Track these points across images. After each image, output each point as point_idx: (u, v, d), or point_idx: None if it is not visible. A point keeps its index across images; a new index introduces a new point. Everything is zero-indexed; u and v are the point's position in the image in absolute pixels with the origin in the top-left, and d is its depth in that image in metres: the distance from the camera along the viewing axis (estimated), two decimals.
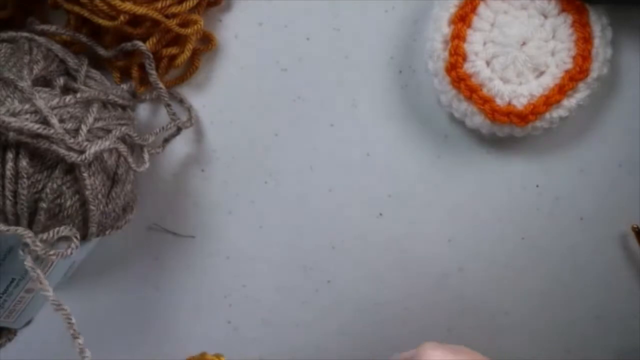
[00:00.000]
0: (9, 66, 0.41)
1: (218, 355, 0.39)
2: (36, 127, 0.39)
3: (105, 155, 0.42)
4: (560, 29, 0.44)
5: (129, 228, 0.46)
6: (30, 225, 0.40)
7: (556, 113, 0.45)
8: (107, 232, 0.44)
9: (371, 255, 0.51)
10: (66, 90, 0.43)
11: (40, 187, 0.40)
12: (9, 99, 0.40)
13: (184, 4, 0.45)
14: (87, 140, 0.40)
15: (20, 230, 0.39)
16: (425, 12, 0.47)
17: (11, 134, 0.39)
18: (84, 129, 0.40)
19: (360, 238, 0.51)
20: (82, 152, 0.40)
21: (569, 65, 0.44)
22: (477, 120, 0.46)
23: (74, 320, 0.39)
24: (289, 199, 0.50)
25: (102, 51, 0.47)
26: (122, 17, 0.44)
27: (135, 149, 0.45)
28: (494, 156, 0.49)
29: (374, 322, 0.52)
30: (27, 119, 0.39)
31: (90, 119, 0.41)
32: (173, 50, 0.47)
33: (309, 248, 0.51)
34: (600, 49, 0.44)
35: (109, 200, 0.43)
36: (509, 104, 0.45)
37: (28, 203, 0.40)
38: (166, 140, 0.48)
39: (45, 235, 0.39)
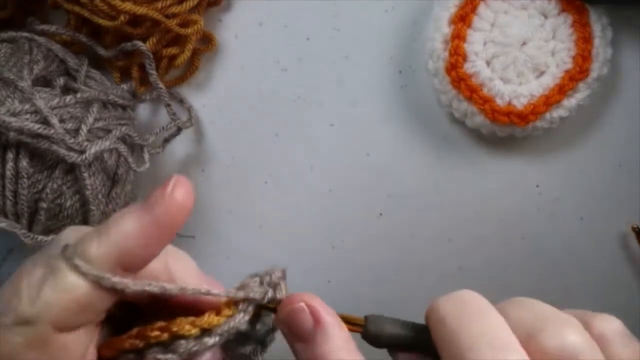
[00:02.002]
0: (9, 66, 0.41)
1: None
2: (36, 127, 0.39)
3: (106, 155, 0.42)
4: (561, 29, 0.44)
5: None
6: (30, 225, 0.40)
7: (556, 113, 0.45)
8: None
9: (371, 255, 0.51)
10: (66, 90, 0.43)
11: (40, 187, 0.40)
12: (9, 99, 0.40)
13: (184, 4, 0.45)
14: (87, 140, 0.40)
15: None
16: (425, 12, 0.47)
17: (11, 134, 0.39)
18: (84, 129, 0.41)
19: (360, 238, 0.51)
20: (82, 152, 0.40)
21: (569, 65, 0.44)
22: (477, 120, 0.46)
23: None
24: (289, 199, 0.50)
25: (102, 51, 0.47)
26: (122, 17, 0.44)
27: (136, 149, 0.45)
28: (494, 156, 0.49)
29: None
30: (27, 119, 0.39)
31: (91, 119, 0.41)
32: (173, 50, 0.47)
33: (309, 248, 0.51)
34: (600, 49, 0.44)
35: (109, 200, 0.43)
36: (509, 104, 0.45)
37: (28, 203, 0.40)
38: (166, 140, 0.48)
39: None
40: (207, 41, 0.48)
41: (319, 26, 0.48)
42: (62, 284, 0.25)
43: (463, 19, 0.45)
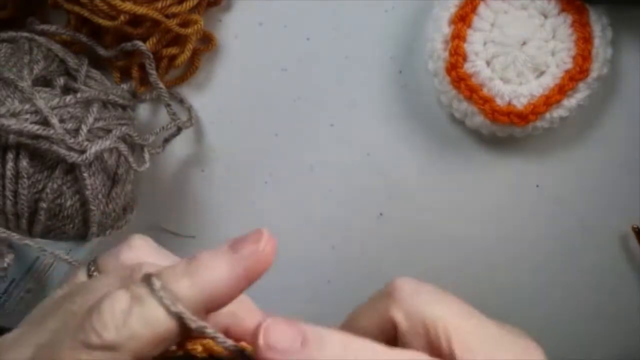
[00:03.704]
0: (9, 66, 0.41)
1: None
2: (35, 128, 0.39)
3: (106, 155, 0.42)
4: (560, 29, 0.44)
5: (129, 228, 0.46)
6: (30, 225, 0.40)
7: (556, 113, 0.45)
8: (107, 232, 0.44)
9: (371, 255, 0.51)
10: (66, 90, 0.43)
11: (40, 187, 0.40)
12: (9, 99, 0.39)
13: (184, 4, 0.45)
14: (88, 140, 0.40)
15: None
16: (425, 12, 0.47)
17: (11, 136, 0.39)
18: (84, 129, 0.40)
19: (360, 238, 0.51)
20: (82, 152, 0.40)
21: (569, 65, 0.44)
22: (477, 120, 0.46)
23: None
24: (289, 199, 0.50)
25: (102, 51, 0.47)
26: (122, 17, 0.44)
27: (136, 148, 0.45)
28: (494, 156, 0.49)
29: None
30: (27, 119, 0.39)
31: (91, 119, 0.41)
32: (173, 50, 0.47)
33: (309, 248, 0.51)
34: (600, 49, 0.44)
35: (109, 200, 0.43)
36: (509, 104, 0.45)
37: (28, 203, 0.40)
38: (166, 140, 0.48)
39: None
40: (207, 41, 0.48)
41: (319, 26, 0.48)
42: (150, 319, 0.25)
43: (463, 19, 0.45)
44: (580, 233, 0.49)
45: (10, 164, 0.39)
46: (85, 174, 0.40)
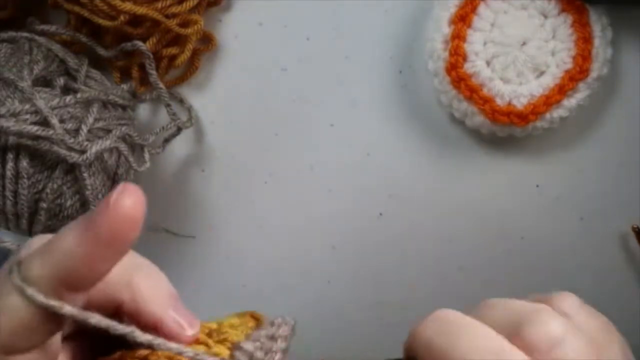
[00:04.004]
0: (9, 66, 0.41)
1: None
2: (35, 129, 0.39)
3: (106, 155, 0.42)
4: (560, 29, 0.44)
5: None
6: (30, 225, 0.40)
7: (556, 113, 0.45)
8: None
9: (371, 255, 0.51)
10: (66, 90, 0.43)
11: (40, 187, 0.40)
12: (9, 99, 0.40)
13: (184, 4, 0.45)
14: (88, 140, 0.40)
15: None
16: (425, 12, 0.47)
17: (11, 138, 0.39)
18: (84, 129, 0.40)
19: (360, 238, 0.51)
20: (82, 152, 0.40)
21: (569, 65, 0.44)
22: (477, 120, 0.46)
23: None
24: (289, 199, 0.50)
25: (102, 51, 0.47)
26: (122, 17, 0.44)
27: (136, 148, 0.45)
28: (494, 156, 0.49)
29: (374, 322, 0.52)
30: (27, 120, 0.39)
31: (91, 119, 0.41)
32: (173, 50, 0.47)
33: (309, 248, 0.51)
34: (600, 49, 0.44)
35: None
36: (509, 104, 0.45)
37: (28, 203, 0.40)
38: (166, 140, 0.48)
39: None
40: (207, 41, 0.48)
41: (319, 26, 0.48)
42: (7, 307, 0.23)
43: (463, 19, 0.45)
44: (580, 233, 0.49)
45: (10, 164, 0.39)
46: (85, 174, 0.40)
